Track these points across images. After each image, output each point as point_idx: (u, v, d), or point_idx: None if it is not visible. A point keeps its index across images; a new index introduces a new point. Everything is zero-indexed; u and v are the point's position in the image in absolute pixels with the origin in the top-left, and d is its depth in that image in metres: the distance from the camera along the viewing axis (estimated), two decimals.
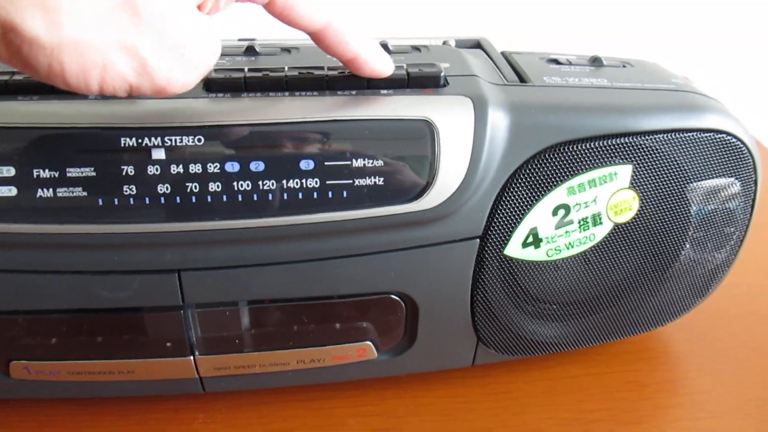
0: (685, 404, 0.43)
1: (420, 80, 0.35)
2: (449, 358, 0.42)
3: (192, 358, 0.38)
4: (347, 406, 0.42)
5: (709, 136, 0.38)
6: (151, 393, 0.41)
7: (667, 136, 0.37)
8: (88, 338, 0.37)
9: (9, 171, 0.32)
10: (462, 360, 0.42)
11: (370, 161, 0.34)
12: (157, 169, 0.32)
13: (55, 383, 0.38)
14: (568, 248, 0.38)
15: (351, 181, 0.33)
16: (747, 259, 0.44)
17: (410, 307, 0.38)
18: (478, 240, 0.37)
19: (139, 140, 0.32)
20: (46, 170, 0.32)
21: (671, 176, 0.38)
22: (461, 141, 0.34)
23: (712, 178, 0.39)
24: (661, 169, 0.38)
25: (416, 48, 0.41)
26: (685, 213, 0.40)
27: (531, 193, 0.36)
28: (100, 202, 0.32)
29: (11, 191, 0.32)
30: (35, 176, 0.32)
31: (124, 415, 0.41)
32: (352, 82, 0.35)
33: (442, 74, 0.35)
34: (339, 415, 0.41)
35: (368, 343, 0.39)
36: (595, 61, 0.42)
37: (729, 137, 0.38)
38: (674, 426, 0.41)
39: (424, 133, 0.34)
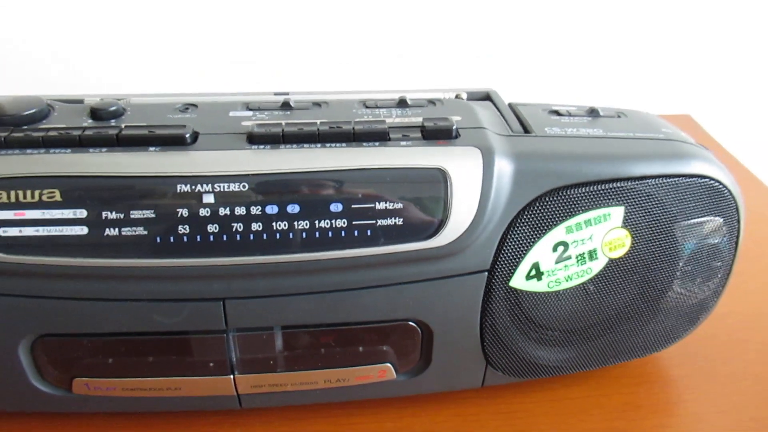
0: (679, 424, 0.47)
1: (435, 133, 0.40)
2: (461, 380, 0.46)
3: (232, 377, 0.42)
4: (368, 422, 0.46)
5: (695, 180, 0.42)
6: (194, 408, 0.45)
7: (656, 181, 0.42)
8: (142, 358, 0.42)
9: (82, 213, 0.37)
10: (472, 381, 0.46)
11: (391, 204, 0.38)
12: (207, 212, 0.37)
13: (111, 398, 0.43)
14: (567, 281, 0.43)
15: (374, 222, 0.38)
16: (740, 289, 0.48)
17: (426, 332, 0.43)
18: (487, 273, 0.41)
19: (193, 187, 0.37)
20: (113, 212, 0.37)
21: (660, 216, 0.42)
22: (471, 186, 0.39)
23: (699, 217, 0.43)
24: (651, 210, 0.42)
25: (431, 102, 0.46)
26: (674, 249, 0.44)
27: (533, 232, 0.41)
28: (158, 240, 0.37)
29: (83, 230, 0.37)
30: (104, 217, 0.37)
31: (170, 428, 0.45)
32: (375, 135, 0.40)
33: (454, 127, 0.40)
34: (361, 430, 0.46)
35: (388, 364, 0.44)
36: (592, 112, 0.47)
37: (713, 182, 0.43)
38: None
39: (439, 179, 0.38)
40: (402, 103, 0.45)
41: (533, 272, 0.42)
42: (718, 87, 1.03)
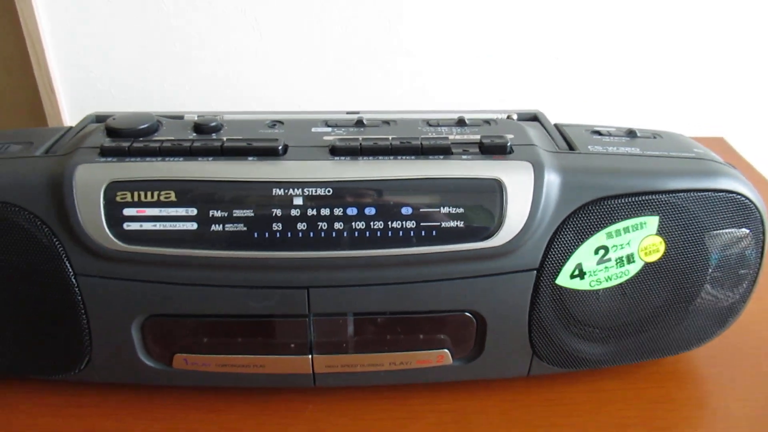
0: (707, 416, 0.51)
1: (491, 148, 0.46)
2: (509, 368, 0.52)
3: (310, 356, 0.49)
4: (426, 404, 0.52)
5: (723, 195, 0.47)
6: (274, 385, 0.52)
7: (687, 195, 0.47)
8: (234, 338, 0.49)
9: (192, 211, 0.44)
10: (520, 370, 0.52)
11: (454, 209, 0.44)
12: (297, 212, 0.44)
13: (204, 374, 0.50)
14: (607, 281, 0.48)
15: (439, 224, 0.44)
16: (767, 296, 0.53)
17: (480, 323, 0.49)
18: (536, 271, 0.47)
19: (285, 191, 0.44)
20: (218, 211, 0.44)
21: (691, 226, 0.47)
22: (523, 195, 0.45)
23: (727, 228, 0.48)
24: (683, 220, 0.47)
25: (487, 121, 0.52)
26: (704, 256, 0.48)
27: (577, 236, 0.46)
28: (256, 235, 0.44)
29: (193, 226, 0.44)
30: (210, 215, 0.44)
31: (251, 402, 0.52)
32: (440, 149, 0.46)
33: (509, 144, 0.46)
34: (419, 410, 0.51)
35: (446, 350, 0.49)
36: (630, 133, 0.52)
37: (739, 196, 0.47)
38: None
39: (495, 189, 0.44)
40: (461, 123, 0.51)
41: (577, 272, 0.47)
42: (751, 111, 1.07)
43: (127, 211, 0.44)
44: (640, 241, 0.47)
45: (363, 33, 1.00)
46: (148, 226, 0.44)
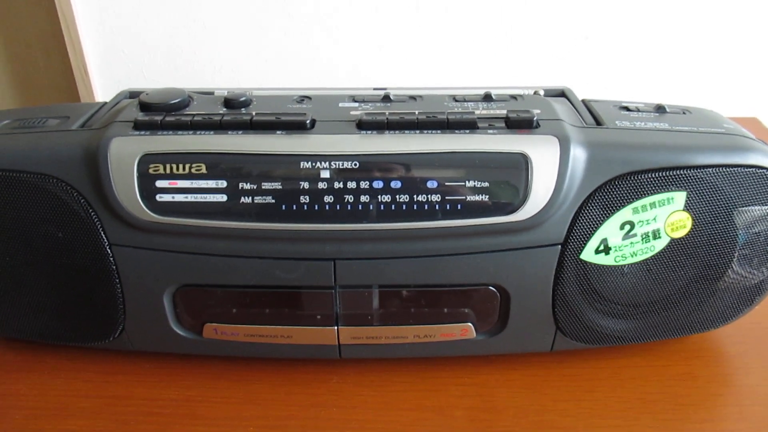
0: (732, 393, 0.51)
1: (518, 123, 0.46)
2: (532, 343, 0.52)
3: (336, 328, 0.50)
4: (449, 377, 0.52)
5: (752, 170, 0.46)
6: (300, 357, 0.53)
7: (716, 170, 0.46)
8: (262, 309, 0.50)
9: (222, 183, 0.45)
10: (543, 345, 0.52)
11: (479, 183, 0.45)
12: (324, 185, 0.45)
13: (233, 343, 0.51)
14: (632, 256, 0.48)
15: (464, 198, 0.45)
16: None
17: (504, 297, 0.49)
18: (560, 246, 0.47)
19: (313, 164, 0.45)
20: (248, 184, 0.45)
21: (719, 202, 0.47)
22: (549, 170, 0.45)
23: (756, 204, 0.48)
24: (711, 196, 0.47)
25: (513, 97, 0.52)
26: (732, 233, 0.48)
27: (603, 211, 0.46)
28: (284, 207, 0.45)
29: (223, 198, 0.45)
30: (240, 188, 0.45)
31: (279, 373, 0.53)
32: (465, 123, 0.46)
33: (535, 118, 0.46)
34: (442, 384, 0.52)
35: (469, 324, 0.50)
36: (659, 109, 0.52)
37: None
38: (722, 409, 0.50)
39: (521, 163, 0.45)
40: (487, 98, 0.51)
41: (602, 247, 0.47)
42: None
43: (160, 183, 0.45)
44: (666, 217, 0.47)
45: (392, 12, 1.00)
46: (179, 197, 0.45)
